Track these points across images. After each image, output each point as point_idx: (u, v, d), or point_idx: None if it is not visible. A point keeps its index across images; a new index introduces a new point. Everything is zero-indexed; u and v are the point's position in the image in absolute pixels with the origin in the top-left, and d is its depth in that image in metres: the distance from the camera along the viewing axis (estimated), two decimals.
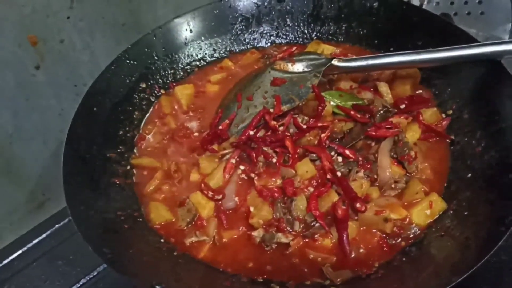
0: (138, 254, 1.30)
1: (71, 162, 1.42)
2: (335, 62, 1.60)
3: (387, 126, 1.50)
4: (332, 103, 1.58)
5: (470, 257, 1.14)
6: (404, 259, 1.27)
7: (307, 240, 1.34)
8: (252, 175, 1.46)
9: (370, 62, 1.58)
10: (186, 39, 1.90)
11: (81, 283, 1.62)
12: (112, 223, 1.37)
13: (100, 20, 1.94)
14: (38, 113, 1.90)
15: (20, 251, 1.75)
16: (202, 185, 1.47)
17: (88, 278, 1.63)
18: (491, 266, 1.45)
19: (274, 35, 1.99)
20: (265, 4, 1.96)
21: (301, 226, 1.35)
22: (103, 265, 1.64)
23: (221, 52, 1.96)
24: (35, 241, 1.78)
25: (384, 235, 1.33)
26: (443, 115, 1.58)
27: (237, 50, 1.97)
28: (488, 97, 1.48)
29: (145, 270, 1.25)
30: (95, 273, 1.63)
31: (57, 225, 1.80)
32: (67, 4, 1.81)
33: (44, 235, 1.79)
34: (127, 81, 1.75)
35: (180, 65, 1.89)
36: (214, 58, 1.95)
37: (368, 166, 1.43)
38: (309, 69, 1.64)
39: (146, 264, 1.28)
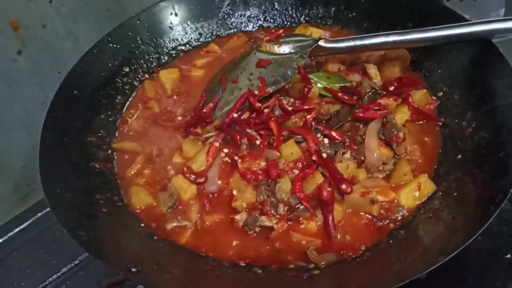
0: (116, 238, 1.26)
1: (48, 144, 1.38)
2: (321, 43, 1.56)
3: (375, 108, 1.46)
4: (319, 85, 1.54)
5: (458, 237, 1.10)
6: (391, 241, 1.23)
7: (291, 223, 1.29)
8: (236, 157, 1.42)
9: (358, 42, 1.53)
10: (171, 23, 1.87)
11: (62, 272, 1.57)
12: (90, 207, 1.33)
13: (83, 6, 1.91)
14: (21, 101, 1.86)
15: (0, 240, 1.70)
16: (185, 168, 1.43)
17: (69, 267, 1.58)
18: (481, 252, 1.41)
19: (262, 19, 1.95)
20: None
21: (286, 208, 1.31)
22: (84, 254, 1.59)
23: (207, 36, 1.92)
24: (16, 230, 1.73)
25: (371, 218, 1.29)
26: (433, 97, 1.54)
27: (223, 34, 1.93)
28: (478, 78, 1.45)
29: (122, 254, 1.20)
30: (76, 262, 1.58)
31: (39, 214, 1.75)
32: None
33: (25, 225, 1.74)
34: (110, 65, 1.71)
35: (165, 49, 1.86)
36: (200, 43, 1.91)
37: (355, 147, 1.39)
38: (296, 51, 1.60)
39: (124, 248, 1.23)
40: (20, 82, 1.83)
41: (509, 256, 1.39)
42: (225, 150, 1.44)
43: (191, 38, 1.90)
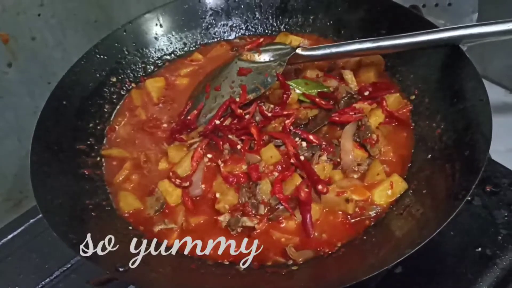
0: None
1: (38, 152, 1.44)
2: (299, 51, 1.63)
3: (351, 112, 1.53)
4: (297, 91, 1.61)
5: (427, 231, 1.17)
6: (365, 237, 1.30)
7: (271, 223, 1.36)
8: (219, 162, 1.48)
9: (334, 50, 1.61)
10: (156, 34, 1.93)
11: (54, 275, 1.64)
12: (80, 212, 1.39)
13: (71, 17, 1.97)
14: (12, 111, 1.92)
15: None
16: (170, 173, 1.49)
17: (61, 271, 1.64)
18: (454, 246, 1.48)
19: (244, 28, 2.02)
20: None
21: (266, 209, 1.38)
22: (76, 258, 1.65)
23: (191, 46, 1.99)
24: (9, 236, 1.79)
25: (347, 216, 1.36)
26: (406, 101, 1.61)
27: (207, 44, 2.00)
28: (448, 81, 1.52)
29: (110, 254, 1.26)
30: (68, 265, 1.65)
31: (31, 220, 1.82)
32: (38, 1, 1.84)
33: (18, 231, 1.80)
34: (98, 75, 1.77)
35: (150, 59, 1.92)
36: (184, 52, 1.97)
37: (331, 149, 1.46)
38: (275, 59, 1.67)
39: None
40: (12, 92, 1.89)
41: (480, 249, 1.45)
42: (209, 155, 1.51)
43: (176, 47, 1.97)
